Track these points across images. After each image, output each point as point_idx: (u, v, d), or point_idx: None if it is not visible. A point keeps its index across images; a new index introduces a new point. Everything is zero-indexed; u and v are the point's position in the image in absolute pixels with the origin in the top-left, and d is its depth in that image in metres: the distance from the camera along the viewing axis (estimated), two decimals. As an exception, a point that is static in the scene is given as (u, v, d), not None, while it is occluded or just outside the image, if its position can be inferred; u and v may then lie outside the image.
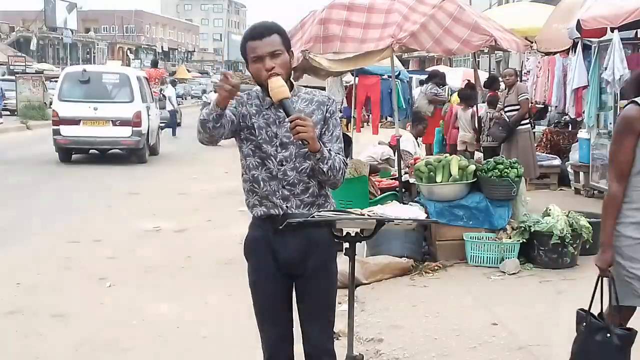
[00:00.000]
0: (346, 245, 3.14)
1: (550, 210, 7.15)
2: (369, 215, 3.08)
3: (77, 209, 10.97)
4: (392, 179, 8.64)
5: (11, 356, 5.20)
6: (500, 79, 12.82)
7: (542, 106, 14.77)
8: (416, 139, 9.99)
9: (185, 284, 6.93)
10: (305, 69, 8.74)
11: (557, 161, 12.14)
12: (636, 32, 10.66)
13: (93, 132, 16.27)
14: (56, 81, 20.68)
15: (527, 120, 11.13)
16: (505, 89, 11.25)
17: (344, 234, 3.14)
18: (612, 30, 9.55)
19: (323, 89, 9.69)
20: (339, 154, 3.21)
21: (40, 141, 21.83)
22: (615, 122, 10.06)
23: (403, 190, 8.09)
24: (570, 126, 13.83)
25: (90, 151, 17.41)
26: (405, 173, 8.37)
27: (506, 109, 10.86)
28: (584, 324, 3.69)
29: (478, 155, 11.89)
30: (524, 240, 6.94)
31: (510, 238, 6.99)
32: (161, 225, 9.65)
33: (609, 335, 3.58)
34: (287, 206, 3.20)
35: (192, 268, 7.52)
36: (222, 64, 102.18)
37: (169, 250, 8.27)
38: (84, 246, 8.49)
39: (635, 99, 3.55)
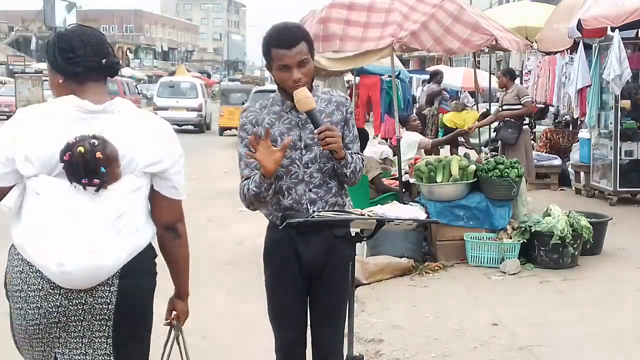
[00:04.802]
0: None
1: (550, 210, 7.13)
2: (369, 215, 3.05)
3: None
4: (392, 179, 8.62)
5: (10, 356, 5.16)
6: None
7: (543, 106, 14.76)
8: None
9: (185, 284, 6.90)
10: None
11: (557, 161, 12.12)
12: (637, 32, 10.66)
13: (176, 114, 26.66)
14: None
15: (527, 121, 11.11)
16: (502, 89, 11.27)
17: (344, 234, 3.12)
18: (612, 29, 9.55)
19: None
20: (357, 153, 3.26)
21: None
22: (615, 122, 10.15)
23: (403, 190, 8.08)
24: (570, 126, 13.81)
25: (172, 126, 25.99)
26: (406, 173, 8.35)
27: (504, 108, 10.86)
28: None
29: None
30: (525, 241, 6.91)
31: (510, 238, 6.97)
32: (161, 225, 9.61)
33: None
34: (313, 210, 3.15)
35: (192, 268, 7.45)
36: (222, 63, 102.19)
37: (168, 250, 8.22)
38: (83, 246, 8.45)
39: None
